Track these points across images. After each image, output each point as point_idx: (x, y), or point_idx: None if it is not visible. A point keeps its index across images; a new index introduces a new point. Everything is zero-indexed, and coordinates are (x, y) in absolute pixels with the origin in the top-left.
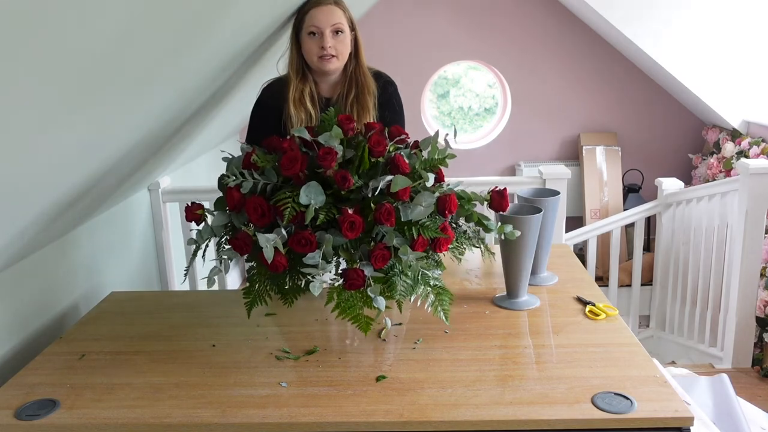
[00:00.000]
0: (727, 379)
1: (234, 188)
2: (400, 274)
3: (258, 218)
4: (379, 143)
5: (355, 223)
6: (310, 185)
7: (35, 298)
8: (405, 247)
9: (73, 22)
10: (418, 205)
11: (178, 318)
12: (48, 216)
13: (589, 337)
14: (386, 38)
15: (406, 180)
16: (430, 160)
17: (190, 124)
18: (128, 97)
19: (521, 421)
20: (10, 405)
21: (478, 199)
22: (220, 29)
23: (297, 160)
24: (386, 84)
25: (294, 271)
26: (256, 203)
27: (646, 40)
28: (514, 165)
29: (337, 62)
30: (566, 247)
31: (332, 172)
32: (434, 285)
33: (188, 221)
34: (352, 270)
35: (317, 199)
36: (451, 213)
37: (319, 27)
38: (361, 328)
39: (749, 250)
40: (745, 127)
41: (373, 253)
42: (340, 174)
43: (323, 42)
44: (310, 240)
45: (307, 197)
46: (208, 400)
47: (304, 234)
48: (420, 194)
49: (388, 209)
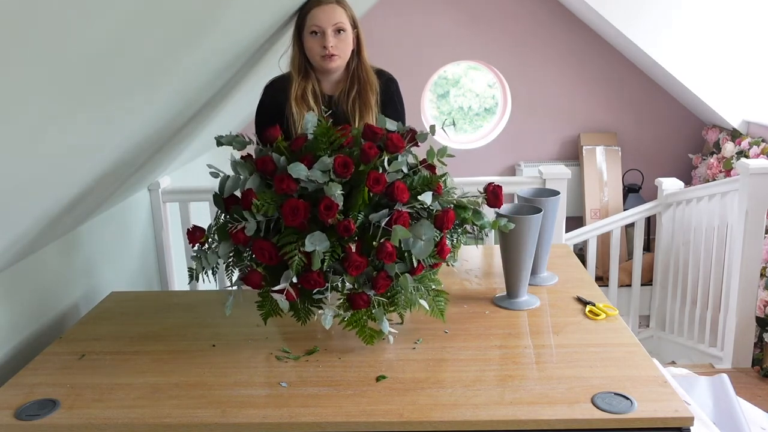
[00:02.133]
0: (727, 379)
1: (239, 231)
2: (402, 291)
3: (267, 260)
4: (378, 181)
5: (360, 265)
6: (314, 235)
7: (35, 298)
8: (405, 279)
9: (74, 23)
10: (419, 240)
11: (179, 318)
12: (48, 216)
13: (589, 337)
14: (386, 38)
15: (405, 231)
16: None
17: (191, 124)
18: (128, 97)
19: (521, 421)
20: (10, 405)
21: (473, 204)
22: (220, 29)
23: (299, 210)
24: (388, 81)
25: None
26: (262, 247)
27: (646, 40)
28: (514, 165)
29: (339, 61)
30: (566, 247)
31: (334, 221)
32: (431, 289)
33: (191, 245)
34: (356, 295)
35: (321, 246)
36: (448, 228)
37: (321, 26)
38: (365, 341)
39: (749, 250)
40: (745, 127)
41: (376, 283)
42: (342, 225)
43: (325, 41)
44: (318, 280)
45: (312, 245)
46: (208, 400)
47: (312, 276)
48: (419, 225)
49: (390, 252)
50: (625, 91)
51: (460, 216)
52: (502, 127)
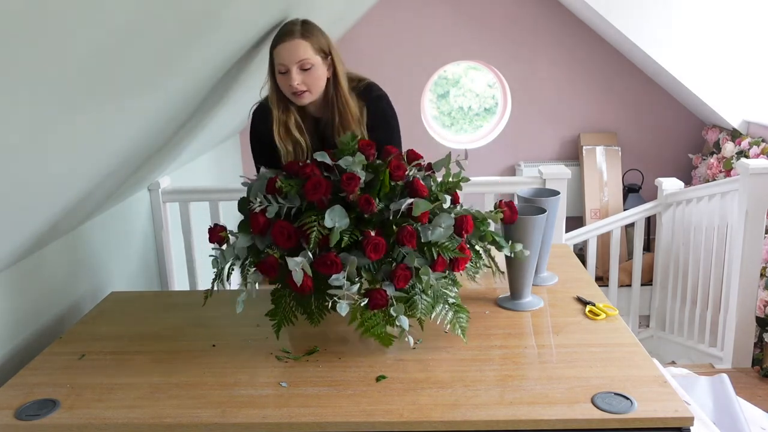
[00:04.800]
0: (727, 379)
1: (259, 213)
2: (421, 293)
3: (284, 241)
4: (398, 167)
5: (379, 245)
6: (334, 209)
7: (36, 298)
8: (426, 268)
9: (74, 23)
10: (438, 226)
11: (178, 318)
12: (48, 216)
13: (589, 337)
14: (386, 38)
15: (426, 203)
16: (446, 183)
17: (190, 123)
18: (128, 97)
19: (521, 421)
20: (10, 405)
21: (492, 218)
22: (220, 29)
23: (321, 185)
24: (377, 99)
25: (319, 292)
26: (282, 227)
27: (646, 40)
28: (514, 165)
29: (310, 96)
30: (566, 247)
31: (355, 196)
32: (452, 303)
33: (211, 242)
34: (375, 291)
35: (341, 222)
36: (467, 233)
37: (285, 65)
38: (383, 343)
39: (749, 250)
40: (745, 127)
41: (395, 274)
42: (364, 198)
43: (290, 80)
44: (335, 261)
45: (331, 220)
46: (208, 400)
47: (330, 256)
48: (439, 216)
49: (410, 231)
50: (625, 91)
51: (479, 229)
52: (502, 127)
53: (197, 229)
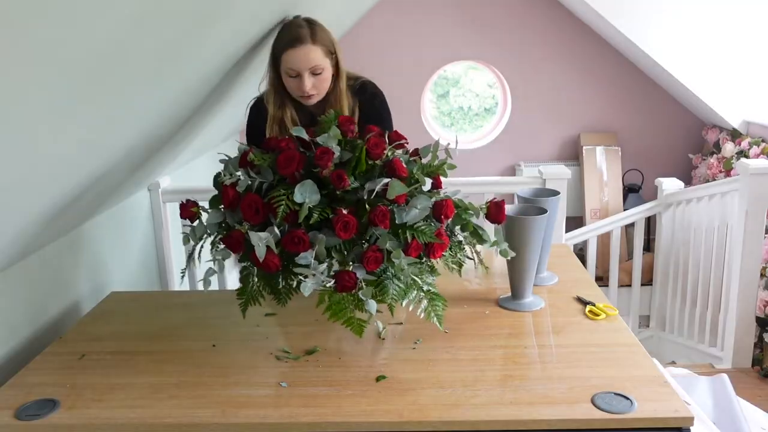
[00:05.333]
0: (727, 379)
1: (230, 186)
2: (393, 277)
3: (252, 215)
4: (377, 145)
5: (349, 224)
6: (305, 184)
7: (35, 298)
8: (398, 251)
9: (73, 22)
10: (413, 207)
11: (178, 318)
12: (48, 216)
13: (589, 337)
14: (387, 38)
15: (402, 186)
16: (428, 166)
17: (190, 123)
18: (128, 96)
19: (521, 421)
20: (10, 405)
21: (474, 209)
22: (220, 29)
23: (294, 159)
24: (372, 97)
25: (287, 271)
26: (250, 200)
27: (646, 40)
28: (514, 165)
29: (318, 97)
30: (566, 247)
31: (328, 171)
32: (427, 290)
33: (182, 218)
34: (343, 272)
35: (312, 198)
36: (447, 218)
37: (297, 70)
38: (354, 331)
39: (749, 250)
40: (745, 127)
41: (365, 255)
42: (336, 173)
43: (302, 84)
44: (302, 239)
45: (301, 195)
46: (208, 400)
47: (297, 233)
48: (416, 197)
49: (383, 211)
50: (625, 91)
51: (460, 218)
52: (502, 127)
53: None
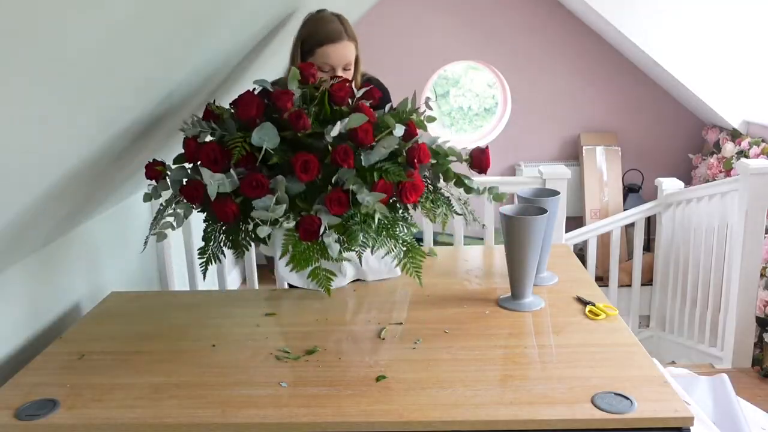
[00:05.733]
0: (727, 379)
1: (191, 138)
2: (362, 224)
3: (211, 164)
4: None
5: (309, 163)
6: (263, 126)
7: (35, 298)
8: (362, 189)
9: (73, 22)
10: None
11: (178, 318)
12: (47, 217)
13: (589, 337)
14: (387, 38)
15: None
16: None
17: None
18: (127, 96)
19: (521, 421)
20: (10, 405)
21: (455, 155)
22: (220, 27)
23: (253, 103)
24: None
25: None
26: (208, 149)
27: (646, 40)
28: (514, 165)
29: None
30: (566, 247)
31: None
32: (403, 241)
33: (148, 178)
34: (307, 217)
35: (271, 141)
36: (420, 162)
37: (333, 66)
38: (321, 285)
39: (749, 250)
40: (745, 127)
41: (328, 198)
42: (294, 113)
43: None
44: (261, 182)
45: (259, 138)
46: (208, 400)
47: (256, 176)
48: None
49: (346, 149)
50: (625, 91)
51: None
52: (502, 127)
53: (197, 229)
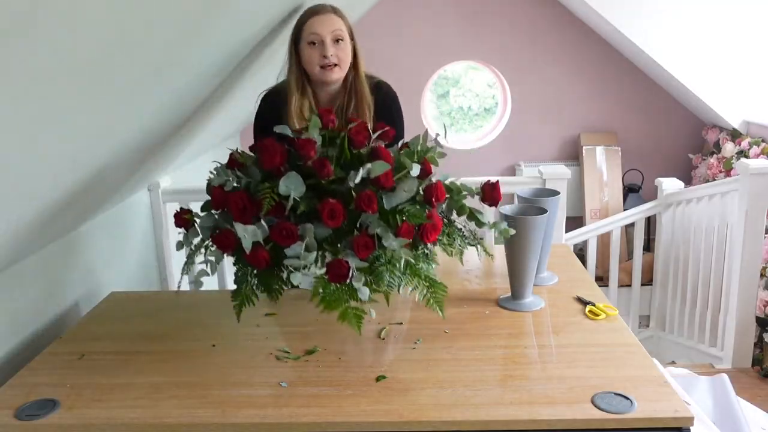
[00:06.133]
0: (727, 379)
1: (217, 187)
2: (387, 264)
3: (239, 213)
4: (359, 133)
5: (335, 210)
6: (289, 176)
7: (35, 298)
8: (387, 233)
9: (73, 22)
10: (401, 190)
11: (178, 318)
12: (48, 216)
13: (589, 337)
14: (386, 38)
15: (384, 164)
16: (415, 152)
17: (191, 123)
18: (128, 96)
19: (521, 421)
20: (10, 405)
21: (468, 190)
22: (219, 28)
23: (276, 151)
24: (386, 97)
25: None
26: (237, 198)
27: (646, 40)
28: (514, 165)
29: (339, 71)
30: (566, 247)
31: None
32: (426, 276)
33: (177, 227)
34: (335, 261)
35: (297, 190)
36: (438, 201)
37: (320, 34)
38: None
39: (749, 250)
40: (745, 127)
41: (355, 242)
42: (318, 161)
43: (324, 50)
44: (291, 231)
45: (286, 187)
46: (208, 400)
47: (285, 224)
48: (402, 181)
49: (369, 195)
50: (625, 91)
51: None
52: (502, 127)
53: None
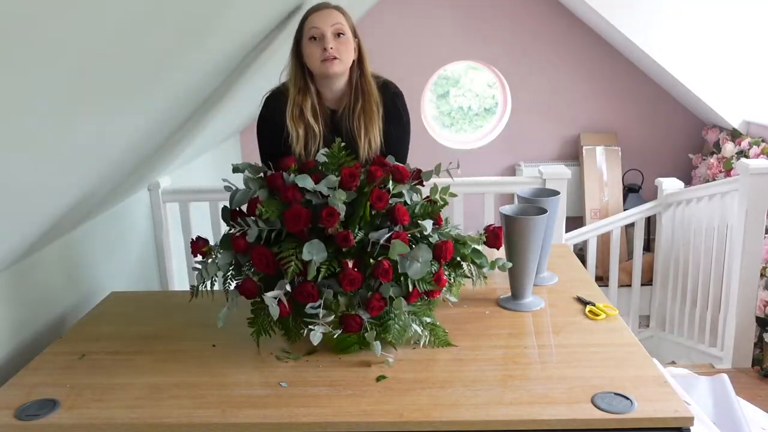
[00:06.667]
0: (727, 379)
1: (240, 236)
2: (394, 318)
3: (263, 268)
4: (380, 198)
5: (355, 280)
6: (312, 243)
7: (35, 298)
8: (399, 301)
9: (73, 23)
10: (415, 261)
11: (178, 318)
12: (47, 216)
13: (589, 337)
14: (386, 38)
15: (403, 246)
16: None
17: (190, 123)
18: (128, 96)
19: (521, 421)
20: (10, 405)
21: (474, 241)
22: (220, 29)
23: (301, 216)
24: (394, 96)
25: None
26: (260, 254)
27: (646, 40)
28: (514, 165)
29: (340, 65)
30: (566, 247)
31: (334, 230)
32: (428, 323)
33: (194, 255)
34: (350, 317)
35: (319, 256)
36: (446, 260)
37: (320, 28)
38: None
39: (749, 250)
40: (745, 127)
41: (369, 304)
42: (342, 234)
43: (325, 44)
44: (312, 293)
45: (309, 254)
46: (208, 400)
47: (307, 287)
48: (417, 248)
49: (386, 269)
50: (625, 91)
51: (459, 251)
52: (502, 127)
53: (197, 229)
